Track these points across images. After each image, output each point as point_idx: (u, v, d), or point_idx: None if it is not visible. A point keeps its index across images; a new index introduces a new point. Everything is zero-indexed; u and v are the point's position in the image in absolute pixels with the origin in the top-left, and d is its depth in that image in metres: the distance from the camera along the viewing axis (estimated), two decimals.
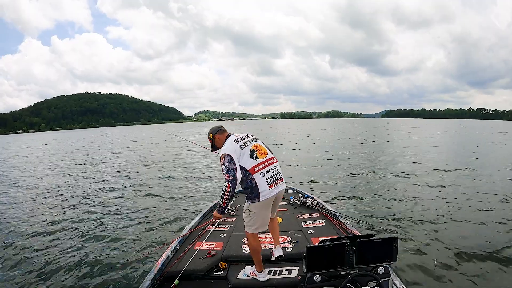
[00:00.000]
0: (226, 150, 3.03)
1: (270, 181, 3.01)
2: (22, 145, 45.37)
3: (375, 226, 6.25)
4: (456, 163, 14.18)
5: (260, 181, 2.97)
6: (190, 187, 10.51)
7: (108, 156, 22.43)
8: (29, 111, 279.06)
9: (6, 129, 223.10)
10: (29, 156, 26.42)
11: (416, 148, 21.32)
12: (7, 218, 7.74)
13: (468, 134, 39.00)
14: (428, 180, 10.40)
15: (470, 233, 5.87)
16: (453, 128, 57.12)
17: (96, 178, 13.22)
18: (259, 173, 2.99)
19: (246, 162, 3.01)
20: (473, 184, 9.84)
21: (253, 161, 3.03)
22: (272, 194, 3.02)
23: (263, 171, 3.02)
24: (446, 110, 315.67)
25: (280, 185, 3.10)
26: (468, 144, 24.44)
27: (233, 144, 3.08)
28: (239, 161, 2.98)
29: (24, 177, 14.57)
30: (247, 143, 3.13)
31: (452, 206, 7.54)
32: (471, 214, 6.98)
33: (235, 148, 3.04)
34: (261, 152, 3.13)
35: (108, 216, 7.60)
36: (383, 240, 2.26)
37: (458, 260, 4.79)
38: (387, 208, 7.56)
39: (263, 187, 2.97)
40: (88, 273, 4.72)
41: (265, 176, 3.00)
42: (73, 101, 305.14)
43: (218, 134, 3.32)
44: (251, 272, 3.17)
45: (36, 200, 9.70)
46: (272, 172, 3.07)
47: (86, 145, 36.81)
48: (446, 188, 9.33)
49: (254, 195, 2.99)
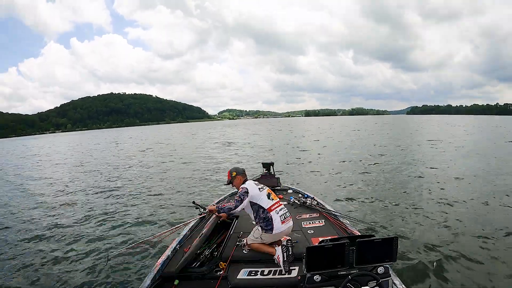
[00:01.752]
0: (248, 185, 3.80)
1: (282, 218, 3.64)
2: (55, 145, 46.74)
3: (375, 226, 6.25)
4: (459, 163, 13.84)
5: (275, 217, 3.61)
6: (191, 187, 10.71)
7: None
8: (56, 112, 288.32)
9: (34, 130, 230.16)
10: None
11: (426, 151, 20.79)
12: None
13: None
14: (429, 181, 10.25)
15: (470, 233, 5.82)
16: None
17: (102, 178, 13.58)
18: (274, 211, 3.65)
19: (264, 201, 3.69)
20: (474, 184, 9.64)
21: (270, 201, 3.71)
22: (283, 229, 3.62)
23: (277, 209, 3.68)
24: (473, 106, 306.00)
25: (288, 222, 3.72)
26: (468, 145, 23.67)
27: (254, 185, 3.83)
28: (254, 199, 3.70)
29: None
30: (263, 187, 3.85)
31: (453, 206, 7.45)
32: (471, 214, 6.91)
33: (253, 188, 3.77)
34: (274, 196, 3.83)
35: (108, 216, 7.78)
36: (383, 240, 2.25)
37: (458, 260, 4.79)
38: (387, 208, 7.52)
39: (277, 223, 3.59)
40: (88, 273, 4.84)
41: (279, 213, 3.66)
42: (98, 101, 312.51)
43: (240, 176, 4.01)
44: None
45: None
46: (283, 211, 3.72)
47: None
48: (446, 188, 9.18)
49: (269, 228, 3.58)
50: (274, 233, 3.56)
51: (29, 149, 40.85)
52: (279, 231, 3.57)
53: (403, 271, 4.40)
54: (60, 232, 6.79)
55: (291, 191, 6.46)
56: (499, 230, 5.87)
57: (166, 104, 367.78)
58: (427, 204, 7.63)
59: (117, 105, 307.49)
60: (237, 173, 4.01)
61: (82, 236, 6.50)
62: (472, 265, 4.62)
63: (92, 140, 54.78)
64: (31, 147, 46.01)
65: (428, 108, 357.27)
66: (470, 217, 6.72)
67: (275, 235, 3.57)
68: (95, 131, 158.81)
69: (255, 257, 3.47)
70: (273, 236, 3.58)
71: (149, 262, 4.98)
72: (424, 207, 7.43)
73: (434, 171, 11.77)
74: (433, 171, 11.80)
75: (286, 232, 3.69)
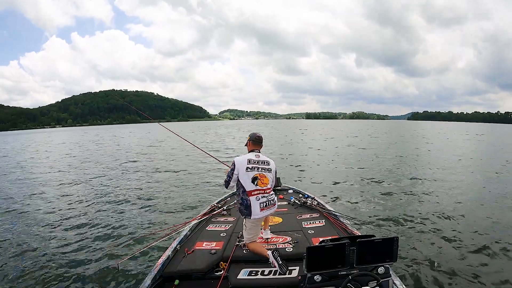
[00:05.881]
0: (237, 160, 3.62)
1: (262, 205, 3.51)
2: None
3: (375, 226, 6.27)
4: (460, 165, 13.93)
5: (254, 203, 3.49)
6: (193, 187, 10.72)
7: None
8: (57, 106, 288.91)
9: (35, 123, 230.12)
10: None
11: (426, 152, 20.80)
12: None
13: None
14: (430, 181, 10.31)
15: (470, 233, 5.85)
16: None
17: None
18: (255, 197, 3.50)
19: (246, 184, 3.52)
20: (476, 184, 9.73)
21: (252, 186, 3.52)
22: (261, 216, 3.54)
23: (259, 196, 3.52)
24: (474, 114, 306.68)
25: (270, 209, 3.60)
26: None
27: (245, 161, 3.60)
28: (239, 177, 3.55)
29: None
30: (255, 168, 3.59)
31: (453, 206, 7.49)
32: (472, 214, 6.95)
33: (242, 164, 3.57)
34: (263, 182, 3.58)
35: (108, 216, 7.76)
36: (384, 240, 2.25)
37: (459, 260, 4.81)
38: (387, 208, 7.54)
39: (255, 209, 3.48)
40: (88, 273, 4.82)
41: (259, 200, 3.51)
42: (100, 97, 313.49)
43: (250, 142, 3.83)
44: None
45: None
46: (266, 199, 3.56)
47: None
48: (447, 188, 9.25)
49: (247, 213, 3.50)
50: (252, 218, 3.49)
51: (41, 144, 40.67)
52: (258, 217, 3.51)
53: (404, 271, 4.41)
54: (59, 231, 6.77)
55: (292, 191, 6.47)
56: (502, 231, 5.89)
57: (168, 102, 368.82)
58: (427, 204, 7.66)
59: (118, 102, 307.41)
60: (249, 138, 3.86)
61: (80, 234, 6.48)
62: (473, 265, 4.63)
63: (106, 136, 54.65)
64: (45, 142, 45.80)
65: (429, 115, 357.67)
66: (471, 217, 6.75)
67: (254, 220, 3.51)
68: (96, 127, 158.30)
69: (255, 257, 3.45)
70: (253, 222, 3.53)
71: (149, 262, 4.97)
72: (425, 207, 7.47)
73: (435, 173, 11.80)
74: (433, 173, 11.84)
75: (266, 217, 3.72)
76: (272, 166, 3.75)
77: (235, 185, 3.62)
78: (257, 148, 3.80)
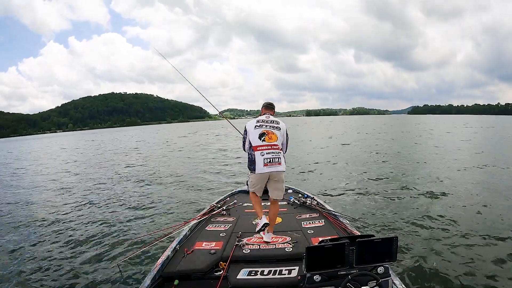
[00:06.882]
0: (248, 123, 3.89)
1: (266, 161, 3.65)
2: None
3: (375, 226, 6.25)
4: (458, 162, 13.80)
5: (258, 158, 3.66)
6: (192, 187, 10.70)
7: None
8: (57, 111, 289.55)
9: (36, 129, 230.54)
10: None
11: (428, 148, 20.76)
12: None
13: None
14: (430, 182, 10.17)
15: (472, 233, 5.78)
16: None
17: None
18: (259, 152, 3.67)
19: (254, 139, 3.74)
20: (477, 185, 9.58)
21: (259, 141, 3.71)
22: (265, 171, 3.66)
23: (264, 152, 3.67)
24: (474, 106, 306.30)
25: (275, 166, 3.68)
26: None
27: (254, 121, 3.88)
28: (249, 136, 3.79)
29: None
30: (262, 126, 3.81)
31: (453, 206, 7.42)
32: (473, 214, 6.87)
33: (252, 125, 3.83)
34: (270, 138, 3.75)
35: (107, 216, 7.78)
36: (383, 240, 2.24)
37: (459, 260, 4.77)
38: (387, 208, 7.49)
39: (259, 164, 3.64)
40: (87, 273, 4.83)
41: (264, 156, 3.65)
42: (99, 101, 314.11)
43: (263, 108, 4.10)
44: (257, 223, 3.80)
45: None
46: (272, 155, 3.67)
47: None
48: (447, 189, 9.08)
49: (252, 168, 3.71)
50: (256, 173, 3.68)
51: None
52: (261, 172, 3.65)
53: (403, 271, 4.39)
54: (58, 231, 6.79)
55: (291, 191, 6.42)
56: (503, 230, 5.83)
57: (167, 104, 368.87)
58: (427, 204, 7.58)
59: (118, 105, 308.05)
60: (263, 105, 4.13)
61: (80, 235, 6.48)
62: (473, 265, 4.58)
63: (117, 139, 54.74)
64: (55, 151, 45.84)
65: (429, 108, 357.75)
66: (472, 217, 6.68)
67: (257, 175, 3.69)
68: (97, 131, 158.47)
69: (255, 257, 3.45)
70: (257, 176, 3.71)
71: (149, 262, 4.96)
72: (425, 207, 7.39)
73: (435, 173, 11.70)
74: (433, 173, 11.73)
75: (274, 178, 3.76)
76: (282, 126, 3.93)
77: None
78: (268, 112, 4.03)
